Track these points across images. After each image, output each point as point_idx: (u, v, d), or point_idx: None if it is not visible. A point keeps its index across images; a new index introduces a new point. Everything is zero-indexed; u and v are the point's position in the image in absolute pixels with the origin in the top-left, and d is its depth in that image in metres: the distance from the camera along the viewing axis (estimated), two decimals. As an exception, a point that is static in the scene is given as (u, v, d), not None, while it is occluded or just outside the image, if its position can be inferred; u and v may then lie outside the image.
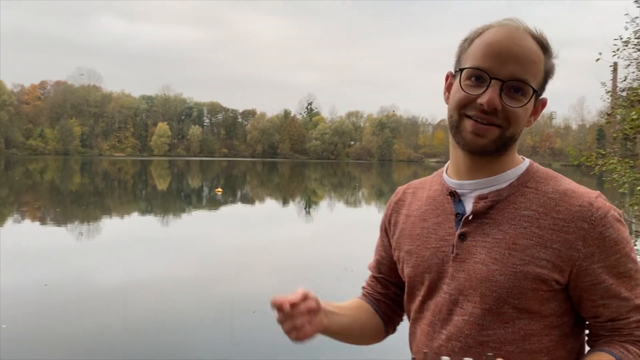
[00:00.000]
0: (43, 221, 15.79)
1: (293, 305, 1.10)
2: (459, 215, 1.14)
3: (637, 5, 11.00)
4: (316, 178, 47.43)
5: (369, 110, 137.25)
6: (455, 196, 1.16)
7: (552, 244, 1.04)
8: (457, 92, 1.10)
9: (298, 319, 1.11)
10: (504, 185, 1.12)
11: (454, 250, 1.13)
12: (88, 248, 11.32)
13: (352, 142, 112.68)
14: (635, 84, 10.49)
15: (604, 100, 14.02)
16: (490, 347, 1.07)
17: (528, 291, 1.05)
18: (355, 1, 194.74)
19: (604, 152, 9.80)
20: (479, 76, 1.07)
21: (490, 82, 1.05)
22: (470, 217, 1.12)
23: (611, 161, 9.29)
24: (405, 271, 1.23)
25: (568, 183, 1.11)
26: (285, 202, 25.17)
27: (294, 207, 22.76)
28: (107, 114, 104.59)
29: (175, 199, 25.19)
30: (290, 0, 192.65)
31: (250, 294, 7.66)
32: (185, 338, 5.79)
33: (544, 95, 1.15)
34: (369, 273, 1.45)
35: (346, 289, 7.86)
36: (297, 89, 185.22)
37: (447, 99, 1.16)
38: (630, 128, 8.02)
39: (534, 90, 1.07)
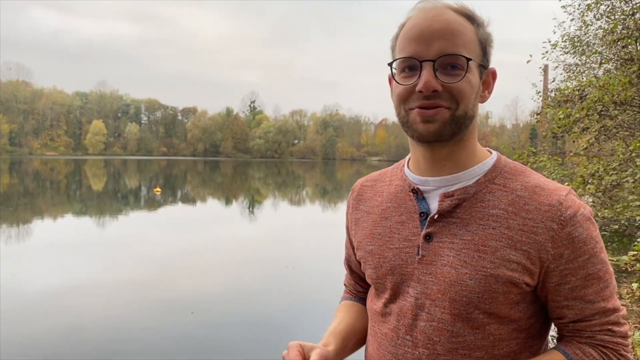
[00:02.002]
0: (-34, 225, 14.82)
1: None
2: (424, 215, 1.08)
3: (564, 10, 11.62)
4: (260, 177, 47.12)
5: (312, 109, 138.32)
6: (418, 193, 1.10)
7: (522, 245, 1.00)
8: (395, 87, 1.06)
9: None
10: (470, 182, 1.07)
11: (420, 252, 1.07)
12: (18, 252, 10.71)
13: (296, 141, 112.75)
14: (562, 85, 11.09)
15: (534, 101, 14.75)
16: (460, 354, 1.03)
17: (499, 295, 1.00)
18: (298, 1, 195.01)
19: (535, 150, 10.27)
20: (411, 65, 1.03)
21: (421, 65, 1.01)
22: (435, 217, 1.06)
23: (541, 159, 9.76)
24: (367, 272, 1.18)
25: (537, 178, 1.07)
26: (227, 201, 24.84)
27: (236, 207, 22.50)
28: (38, 110, 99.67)
29: (111, 200, 24.30)
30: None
31: (189, 295, 7.49)
32: (123, 339, 5.59)
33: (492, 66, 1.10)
34: (308, 271, 1.43)
35: (287, 287, 7.86)
36: (240, 88, 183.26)
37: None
38: (558, 127, 8.42)
39: (468, 60, 1.01)
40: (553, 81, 13.16)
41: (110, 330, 5.99)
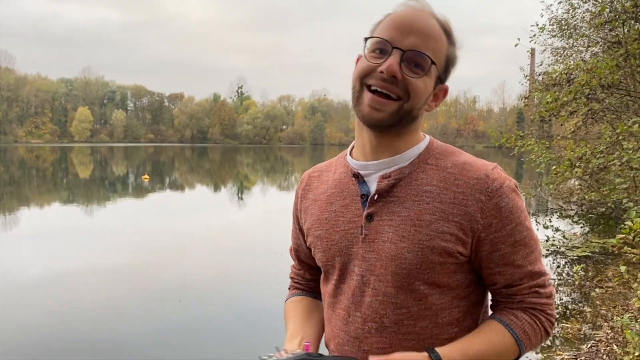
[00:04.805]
0: (-50, 214, 14.61)
1: None
2: (364, 197, 1.15)
3: (552, -7, 11.58)
4: (248, 163, 46.95)
5: (300, 95, 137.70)
6: (359, 177, 1.17)
7: (454, 217, 1.07)
8: (361, 63, 1.10)
9: None
10: (405, 163, 1.13)
11: (363, 232, 1.13)
12: (4, 241, 10.60)
13: (284, 127, 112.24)
14: (550, 69, 11.10)
15: (522, 85, 14.77)
16: (405, 324, 1.10)
17: (436, 265, 1.08)
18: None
19: (522, 134, 10.30)
20: (382, 48, 1.07)
21: (391, 51, 1.06)
22: (375, 197, 1.13)
23: (529, 142, 9.79)
24: (317, 256, 1.24)
25: (466, 156, 1.14)
26: (216, 188, 24.75)
27: (225, 193, 22.42)
28: (22, 98, 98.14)
29: (99, 187, 24.09)
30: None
31: (177, 282, 7.47)
32: (111, 327, 5.57)
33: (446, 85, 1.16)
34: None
35: (276, 272, 7.86)
36: (227, 73, 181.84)
37: None
38: (546, 111, 8.43)
39: (432, 62, 1.07)
40: (540, 65, 13.15)
41: (97, 318, 5.96)
